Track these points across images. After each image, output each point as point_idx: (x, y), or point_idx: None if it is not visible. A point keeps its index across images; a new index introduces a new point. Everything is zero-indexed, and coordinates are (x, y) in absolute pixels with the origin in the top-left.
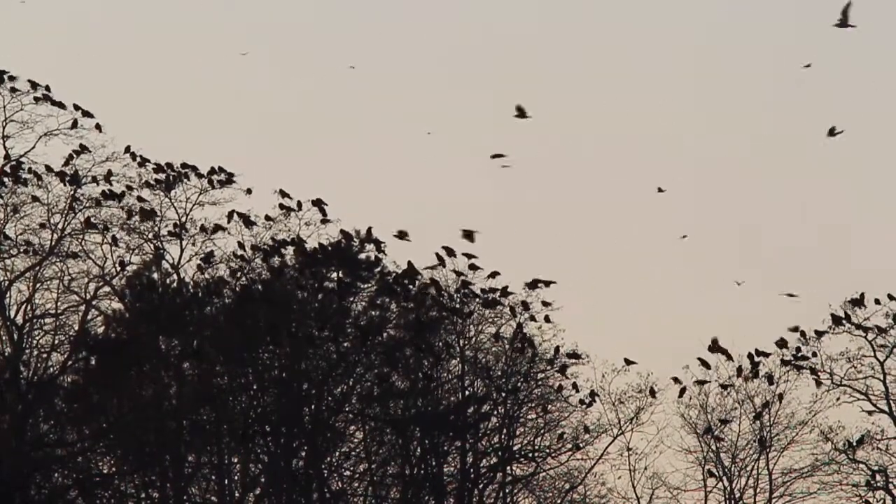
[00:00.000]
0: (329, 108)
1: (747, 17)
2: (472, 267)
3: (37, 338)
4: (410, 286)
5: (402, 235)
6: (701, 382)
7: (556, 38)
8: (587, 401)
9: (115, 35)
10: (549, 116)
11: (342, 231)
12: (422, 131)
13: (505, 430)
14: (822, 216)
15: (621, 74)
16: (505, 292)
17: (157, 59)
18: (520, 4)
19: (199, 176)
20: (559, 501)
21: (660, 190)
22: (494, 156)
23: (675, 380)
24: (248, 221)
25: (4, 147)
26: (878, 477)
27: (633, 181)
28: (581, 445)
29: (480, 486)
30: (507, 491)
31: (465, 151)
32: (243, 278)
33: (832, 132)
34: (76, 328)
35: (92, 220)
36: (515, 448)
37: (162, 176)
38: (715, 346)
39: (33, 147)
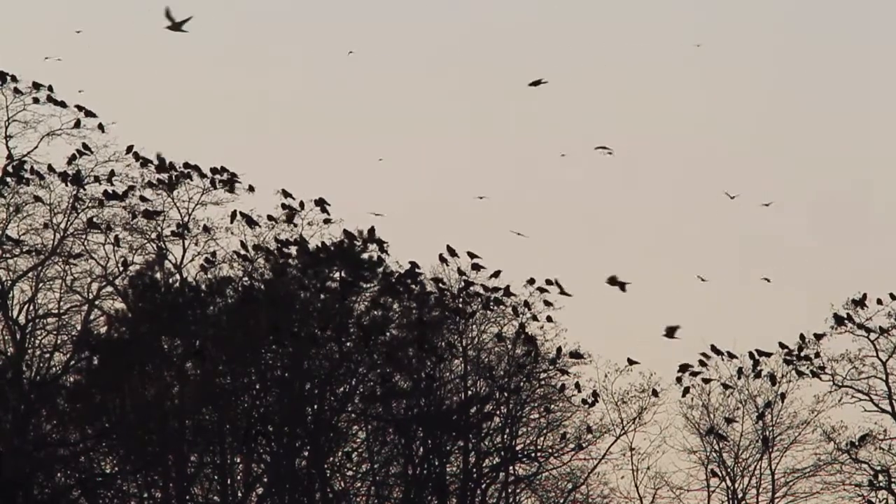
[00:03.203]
0: (329, 108)
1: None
2: (475, 267)
3: (39, 338)
4: (413, 286)
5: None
6: (706, 381)
7: (554, 37)
8: (590, 401)
9: (115, 35)
10: (550, 115)
11: (345, 231)
12: (420, 130)
13: (507, 430)
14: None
15: (620, 73)
16: (508, 292)
17: (157, 59)
18: (520, 3)
19: (202, 176)
20: (562, 501)
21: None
22: None
23: (678, 380)
24: (250, 221)
25: (7, 147)
26: (880, 477)
27: (633, 181)
28: (584, 445)
29: (483, 485)
30: (509, 491)
31: (465, 151)
32: (245, 279)
33: (537, 83)
34: (79, 328)
35: (94, 220)
36: (518, 448)
37: (164, 176)
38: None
39: (36, 147)
